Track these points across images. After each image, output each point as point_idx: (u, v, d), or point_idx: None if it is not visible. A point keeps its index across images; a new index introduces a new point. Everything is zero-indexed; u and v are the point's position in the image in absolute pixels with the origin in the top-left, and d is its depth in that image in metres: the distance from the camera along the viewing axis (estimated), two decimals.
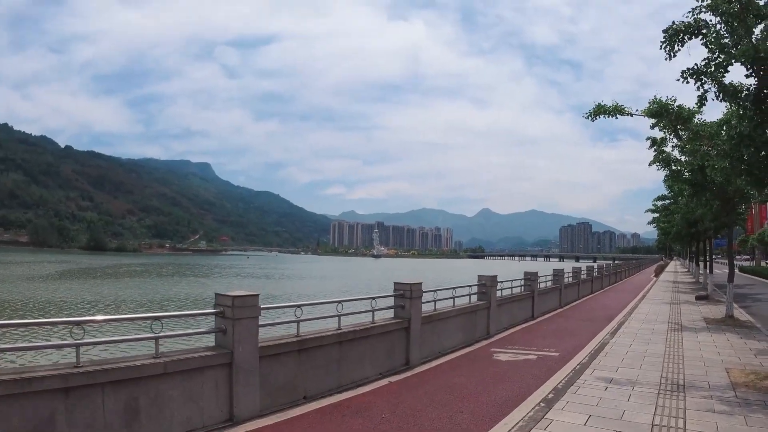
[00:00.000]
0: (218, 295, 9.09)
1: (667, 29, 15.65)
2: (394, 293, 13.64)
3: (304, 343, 10.08)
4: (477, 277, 19.77)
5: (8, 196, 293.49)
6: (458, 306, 16.85)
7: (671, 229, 53.87)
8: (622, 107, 20.95)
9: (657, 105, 20.54)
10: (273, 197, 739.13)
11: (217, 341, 9.01)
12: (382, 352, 12.46)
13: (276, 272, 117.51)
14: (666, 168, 26.58)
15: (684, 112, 20.28)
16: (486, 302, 18.65)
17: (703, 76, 15.33)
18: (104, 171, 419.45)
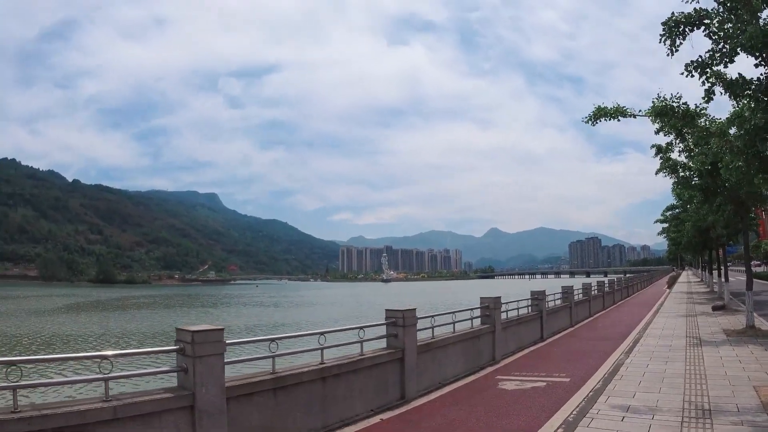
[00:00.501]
0: (178, 329, 7.97)
1: (667, 21, 14.78)
2: (385, 321, 12.47)
3: (281, 381, 8.92)
4: (479, 299, 18.40)
5: (17, 230, 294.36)
6: (459, 331, 15.53)
7: (682, 238, 52.92)
8: (624, 108, 19.88)
9: (661, 104, 19.26)
10: (281, 225, 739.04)
11: (179, 381, 7.88)
12: (373, 386, 11.24)
13: (284, 300, 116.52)
14: (673, 175, 25.71)
15: (690, 111, 19.01)
16: (490, 326, 17.38)
17: (708, 69, 14.50)
18: (112, 204, 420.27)
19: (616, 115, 19.88)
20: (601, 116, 20.03)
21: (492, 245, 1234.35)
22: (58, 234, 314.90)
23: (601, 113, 19.93)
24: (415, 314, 12.69)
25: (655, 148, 25.18)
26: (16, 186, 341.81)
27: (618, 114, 19.87)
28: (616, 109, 19.84)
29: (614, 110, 19.82)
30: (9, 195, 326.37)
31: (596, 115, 20.08)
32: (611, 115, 19.82)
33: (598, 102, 20.09)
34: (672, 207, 50.82)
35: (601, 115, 19.99)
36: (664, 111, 19.23)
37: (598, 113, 20.00)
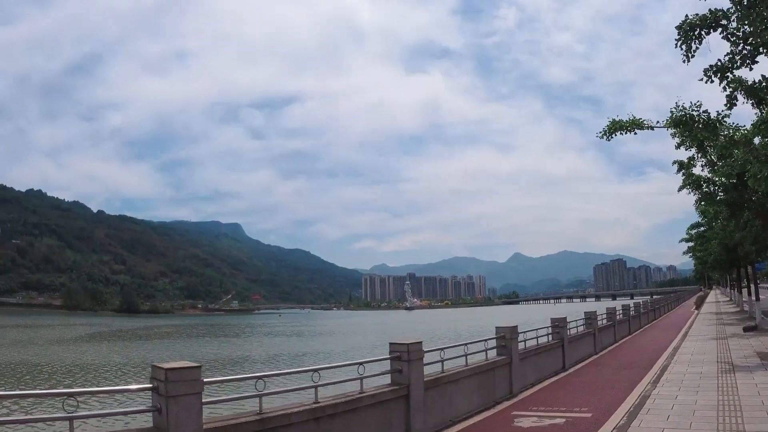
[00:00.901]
0: (153, 366, 7.23)
1: (681, 25, 14.18)
2: (389, 356, 11.52)
3: (268, 422, 8.03)
4: (495, 328, 17.26)
5: (43, 260, 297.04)
6: (472, 364, 14.45)
7: (708, 257, 51.89)
8: (641, 120, 19.33)
9: (680, 113, 18.49)
10: (304, 254, 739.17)
11: (154, 422, 7.16)
12: (374, 426, 10.31)
13: (306, 330, 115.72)
14: (697, 191, 24.93)
15: (712, 119, 18.16)
16: (506, 357, 16.25)
17: (728, 73, 14.04)
18: (136, 234, 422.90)
19: (633, 128, 19.25)
20: (616, 130, 19.45)
21: (516, 270, 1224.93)
22: (82, 264, 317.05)
23: (617, 127, 19.37)
24: (421, 347, 11.75)
25: (677, 164, 24.61)
26: (42, 216, 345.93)
27: (634, 126, 19.27)
28: (633, 122, 19.25)
29: (630, 123, 19.23)
30: (35, 225, 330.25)
31: (611, 129, 19.52)
32: (627, 128, 19.23)
33: None
34: (697, 225, 49.77)
35: (617, 128, 19.43)
36: (683, 121, 18.42)
37: (613, 127, 19.42)
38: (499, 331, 16.94)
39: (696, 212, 37.71)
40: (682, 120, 18.41)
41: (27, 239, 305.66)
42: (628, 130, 19.32)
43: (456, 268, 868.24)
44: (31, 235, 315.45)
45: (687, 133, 19.52)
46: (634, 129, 19.33)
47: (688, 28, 14.02)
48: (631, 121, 19.24)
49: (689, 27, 14.00)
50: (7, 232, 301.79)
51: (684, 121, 18.39)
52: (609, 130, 19.52)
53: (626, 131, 19.37)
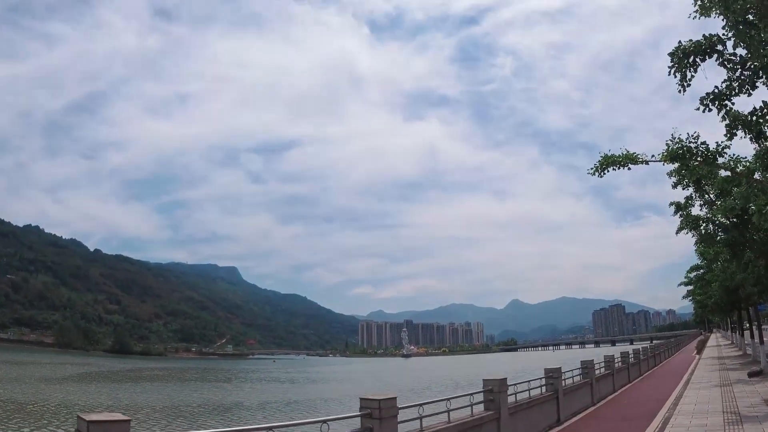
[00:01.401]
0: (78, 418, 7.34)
1: (674, 52, 13.90)
2: (360, 412, 10.74)
3: None
4: (482, 381, 16.46)
5: (37, 297, 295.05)
6: (456, 420, 13.75)
7: (708, 300, 51.40)
8: (635, 155, 18.48)
9: (677, 146, 17.72)
10: (300, 299, 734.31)
11: None
12: None
13: (299, 376, 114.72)
14: (695, 232, 24.75)
15: (711, 151, 17.27)
16: (494, 412, 15.51)
17: (726, 100, 13.64)
18: (132, 275, 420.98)
19: (626, 163, 18.44)
20: (609, 165, 18.65)
21: (514, 317, 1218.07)
22: (77, 302, 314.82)
23: (609, 162, 18.57)
24: (395, 403, 10.96)
25: (674, 205, 24.45)
26: (38, 253, 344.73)
27: (628, 161, 18.39)
28: (626, 157, 18.46)
29: (623, 158, 18.45)
30: (30, 261, 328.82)
31: (603, 164, 18.71)
32: (620, 163, 18.42)
33: (611, 167, 19.08)
34: (696, 267, 49.22)
35: (609, 164, 18.59)
36: (680, 154, 17.68)
37: (605, 162, 18.66)
38: (487, 384, 16.21)
39: (695, 254, 37.62)
40: (679, 153, 17.68)
41: (22, 275, 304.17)
42: (621, 166, 18.55)
43: (454, 315, 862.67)
44: (27, 270, 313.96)
45: (685, 168, 19.26)
46: (628, 164, 18.53)
47: (682, 54, 13.70)
48: (624, 155, 18.49)
49: (683, 54, 13.68)
50: (3, 267, 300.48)
51: (681, 155, 17.67)
52: (601, 166, 18.77)
53: (619, 166, 18.60)
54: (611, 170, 18.84)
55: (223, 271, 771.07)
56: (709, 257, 33.73)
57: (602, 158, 18.80)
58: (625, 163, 18.41)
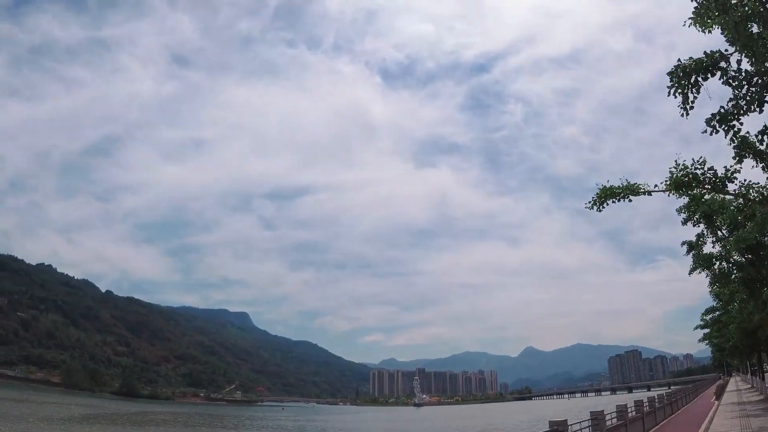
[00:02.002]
0: None
1: (673, 71, 13.12)
2: None
3: None
4: None
5: (46, 336, 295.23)
6: None
7: (726, 343, 50.19)
8: (636, 186, 17.46)
9: (681, 172, 16.59)
10: (311, 346, 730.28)
11: None
12: None
13: (308, 425, 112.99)
14: (709, 271, 24.15)
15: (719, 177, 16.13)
16: None
17: (734, 120, 12.87)
18: (142, 318, 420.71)
19: (626, 195, 17.48)
20: (608, 198, 17.67)
21: (528, 364, 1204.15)
22: (86, 343, 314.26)
23: (608, 194, 17.64)
24: None
25: (686, 245, 24.19)
26: (49, 292, 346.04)
27: (628, 193, 17.40)
28: (627, 188, 17.49)
29: (623, 189, 17.51)
30: (41, 299, 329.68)
31: (602, 197, 17.75)
32: (620, 195, 17.48)
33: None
34: (712, 309, 48.00)
35: (608, 196, 17.62)
36: (685, 182, 16.59)
37: (603, 195, 17.74)
38: None
39: (710, 296, 36.59)
40: (684, 181, 16.52)
41: (32, 313, 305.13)
42: (621, 198, 17.57)
43: (467, 363, 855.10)
44: (37, 309, 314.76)
45: (692, 201, 18.94)
46: (628, 195, 17.54)
47: (682, 74, 12.97)
48: (624, 187, 17.49)
49: (683, 73, 12.95)
50: (13, 304, 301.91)
51: (687, 183, 16.51)
52: (599, 199, 17.79)
53: (619, 199, 17.59)
54: (611, 203, 17.88)
55: (234, 316, 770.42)
56: (725, 298, 32.91)
57: (600, 190, 17.92)
58: (625, 194, 17.55)
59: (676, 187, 16.73)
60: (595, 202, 18.01)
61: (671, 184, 16.78)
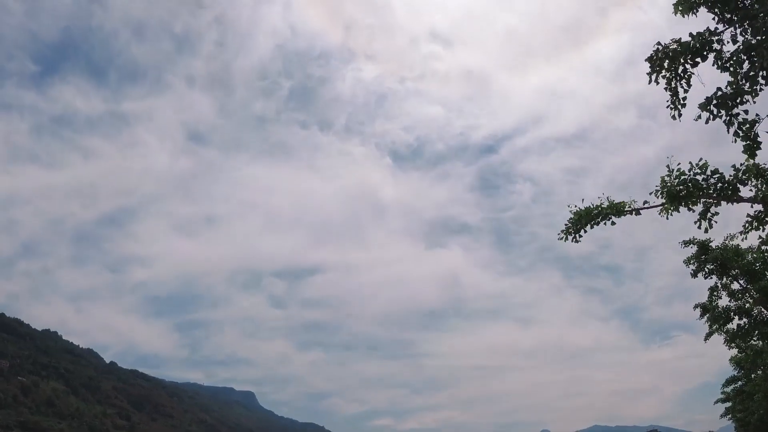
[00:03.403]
0: None
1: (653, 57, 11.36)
2: None
3: None
4: None
5: (45, 403, 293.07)
6: None
7: (751, 417, 47.14)
8: (621, 204, 15.22)
9: (677, 179, 13.99)
10: (318, 429, 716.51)
11: None
12: None
13: None
14: (726, 334, 23.43)
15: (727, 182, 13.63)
16: None
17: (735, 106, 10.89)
18: (146, 391, 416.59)
19: (608, 216, 15.06)
20: (584, 223, 15.23)
21: None
22: (85, 413, 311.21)
23: (585, 218, 15.14)
24: None
25: (699, 308, 23.28)
26: (53, 358, 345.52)
27: (610, 213, 15.01)
28: (610, 207, 15.05)
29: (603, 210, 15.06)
30: (44, 366, 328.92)
31: (578, 222, 15.24)
32: (600, 217, 15.08)
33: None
34: (733, 379, 45.09)
35: (586, 220, 15.14)
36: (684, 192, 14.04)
37: (579, 220, 15.19)
38: None
39: (730, 365, 35.32)
40: (682, 191, 14.03)
41: (33, 378, 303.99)
42: (601, 220, 15.24)
43: None
44: (39, 375, 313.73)
45: (702, 248, 17.55)
46: (610, 216, 15.17)
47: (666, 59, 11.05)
48: (606, 207, 15.09)
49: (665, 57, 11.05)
50: (15, 368, 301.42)
51: (686, 193, 13.99)
52: (574, 226, 15.39)
53: (599, 221, 15.24)
54: (590, 228, 15.52)
55: (239, 395, 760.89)
56: (747, 365, 31.87)
57: (574, 215, 15.33)
58: (606, 216, 15.21)
59: (671, 200, 14.15)
60: (569, 230, 15.47)
61: (666, 197, 14.26)
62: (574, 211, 15.30)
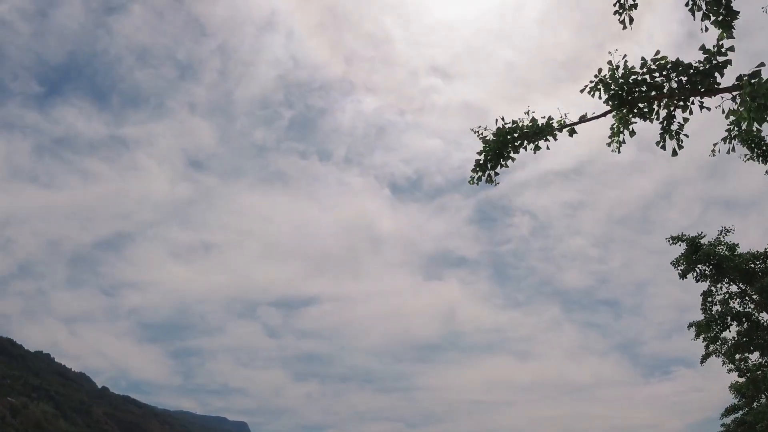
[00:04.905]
0: None
1: None
2: None
3: None
4: None
5: (34, 425, 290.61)
6: None
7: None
8: (546, 123, 11.36)
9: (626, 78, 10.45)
10: None
11: None
12: None
13: None
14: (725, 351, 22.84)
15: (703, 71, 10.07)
16: None
17: None
18: (137, 418, 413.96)
19: (530, 138, 11.48)
20: (500, 152, 11.46)
21: None
22: None
23: (499, 146, 11.35)
24: None
25: (693, 327, 22.58)
26: (44, 380, 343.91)
27: (534, 134, 11.36)
28: (529, 128, 11.32)
29: (524, 129, 11.36)
30: (34, 388, 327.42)
31: (489, 153, 11.60)
32: (521, 140, 11.55)
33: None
34: (733, 408, 39.72)
35: (498, 150, 11.39)
36: (634, 89, 10.44)
37: (491, 150, 11.52)
38: None
39: (730, 392, 33.60)
40: (632, 88, 10.41)
41: (23, 400, 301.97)
42: (521, 145, 11.59)
43: None
44: (29, 396, 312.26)
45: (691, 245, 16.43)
46: (534, 139, 11.38)
47: None
48: (526, 125, 11.34)
49: None
50: (5, 389, 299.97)
51: (637, 93, 10.44)
52: (486, 158, 11.62)
53: (518, 146, 11.58)
54: (507, 163, 11.85)
55: (233, 425, 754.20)
56: (748, 392, 30.10)
57: (486, 143, 11.59)
58: (529, 136, 11.41)
59: (616, 103, 10.58)
60: (478, 165, 11.82)
61: (609, 99, 10.64)
62: (484, 137, 11.53)
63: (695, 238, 17.28)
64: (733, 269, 18.70)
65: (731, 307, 21.35)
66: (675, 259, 18.62)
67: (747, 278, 19.33)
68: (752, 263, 18.47)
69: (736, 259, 18.41)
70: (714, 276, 19.60)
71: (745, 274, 19.18)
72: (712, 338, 23.05)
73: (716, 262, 18.23)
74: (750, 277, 19.18)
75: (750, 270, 18.88)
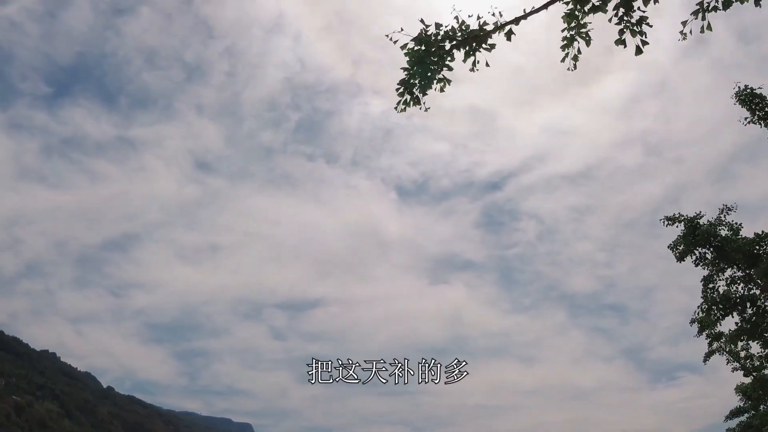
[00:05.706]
0: None
1: None
2: None
3: None
4: None
5: (38, 424, 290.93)
6: None
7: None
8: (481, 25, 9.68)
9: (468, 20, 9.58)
10: None
11: None
12: None
13: None
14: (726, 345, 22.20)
15: None
16: None
17: None
18: (142, 419, 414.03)
19: (463, 43, 9.88)
20: (428, 62, 9.82)
21: None
22: None
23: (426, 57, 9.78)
24: None
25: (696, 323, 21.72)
26: (49, 379, 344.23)
27: (469, 36, 9.75)
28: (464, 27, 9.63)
29: (453, 34, 9.67)
30: (39, 386, 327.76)
31: (415, 65, 9.86)
32: (456, 45, 9.91)
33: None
34: (738, 411, 37.55)
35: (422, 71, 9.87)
36: None
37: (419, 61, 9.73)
38: None
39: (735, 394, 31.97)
40: None
41: (28, 399, 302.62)
42: (452, 48, 9.86)
43: None
44: (34, 395, 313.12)
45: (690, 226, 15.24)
46: (469, 47, 9.80)
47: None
48: (454, 29, 9.61)
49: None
50: (10, 387, 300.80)
51: None
52: (414, 71, 9.99)
53: (446, 55, 9.86)
54: (441, 85, 10.28)
55: (237, 426, 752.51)
56: (754, 394, 29.09)
57: (409, 53, 9.99)
58: (460, 42, 9.79)
59: None
60: (403, 83, 10.41)
61: None
62: (408, 49, 9.93)
63: (693, 219, 16.46)
64: (737, 251, 17.53)
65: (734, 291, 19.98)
66: (672, 242, 17.53)
67: (751, 262, 17.96)
68: (757, 246, 17.46)
69: (740, 241, 17.24)
70: (715, 261, 18.34)
71: (749, 257, 17.92)
72: (716, 335, 22.69)
73: (718, 245, 17.09)
74: (755, 260, 17.95)
75: (755, 253, 17.85)
